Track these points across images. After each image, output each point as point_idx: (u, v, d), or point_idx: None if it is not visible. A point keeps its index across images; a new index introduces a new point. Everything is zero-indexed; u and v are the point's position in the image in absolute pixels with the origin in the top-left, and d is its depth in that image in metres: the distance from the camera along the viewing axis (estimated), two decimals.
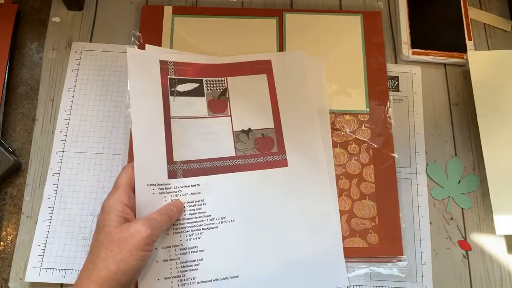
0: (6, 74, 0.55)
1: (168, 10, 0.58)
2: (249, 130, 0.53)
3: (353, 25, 0.59)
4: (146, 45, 0.54)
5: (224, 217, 0.49)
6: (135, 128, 0.49)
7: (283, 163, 0.52)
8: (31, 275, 0.48)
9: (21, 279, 0.48)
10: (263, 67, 0.56)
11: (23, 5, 0.59)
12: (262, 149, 0.52)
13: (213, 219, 0.49)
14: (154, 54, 0.54)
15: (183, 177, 0.49)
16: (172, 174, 0.49)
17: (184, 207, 0.48)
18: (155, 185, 0.48)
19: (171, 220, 0.46)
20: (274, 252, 0.49)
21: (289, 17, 0.59)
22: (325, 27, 0.59)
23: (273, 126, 0.53)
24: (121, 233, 0.40)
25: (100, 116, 0.54)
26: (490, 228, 0.53)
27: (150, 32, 0.56)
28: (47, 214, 0.50)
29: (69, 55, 0.56)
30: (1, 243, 0.50)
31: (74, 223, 0.50)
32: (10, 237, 0.51)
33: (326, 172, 0.52)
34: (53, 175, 0.51)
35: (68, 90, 0.55)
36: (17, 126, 0.55)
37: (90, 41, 0.57)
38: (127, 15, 0.59)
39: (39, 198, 0.51)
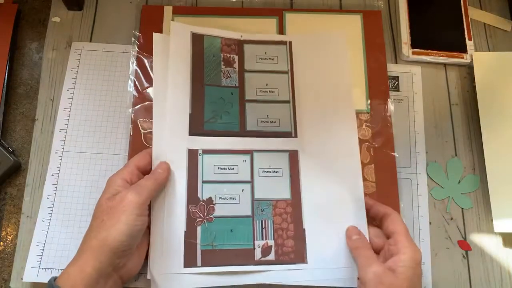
0: (6, 74, 0.55)
1: (168, 10, 0.58)
2: None
3: (353, 24, 0.59)
4: (172, 21, 0.55)
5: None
6: (155, 107, 0.51)
7: None
8: (29, 275, 0.48)
9: (22, 279, 0.48)
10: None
11: (23, 5, 0.59)
12: None
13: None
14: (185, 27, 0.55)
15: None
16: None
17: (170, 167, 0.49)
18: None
19: (158, 181, 0.46)
20: None
21: (289, 17, 0.59)
22: (326, 27, 0.59)
23: None
24: (110, 202, 0.42)
25: (100, 116, 0.54)
26: (490, 228, 0.52)
27: (150, 32, 0.56)
28: (47, 214, 0.50)
29: (69, 55, 0.56)
30: (1, 243, 0.50)
31: (73, 223, 0.50)
32: (10, 237, 0.51)
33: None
34: (52, 175, 0.51)
35: (68, 90, 0.55)
36: (17, 126, 0.54)
37: (90, 41, 0.57)
38: (127, 15, 0.59)
39: (39, 198, 0.51)
